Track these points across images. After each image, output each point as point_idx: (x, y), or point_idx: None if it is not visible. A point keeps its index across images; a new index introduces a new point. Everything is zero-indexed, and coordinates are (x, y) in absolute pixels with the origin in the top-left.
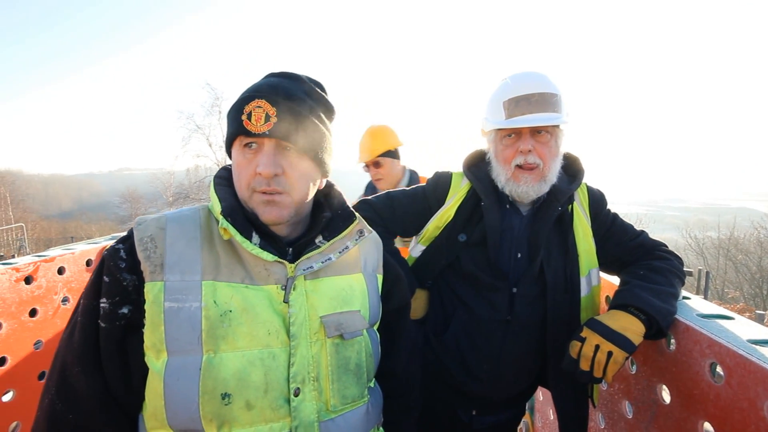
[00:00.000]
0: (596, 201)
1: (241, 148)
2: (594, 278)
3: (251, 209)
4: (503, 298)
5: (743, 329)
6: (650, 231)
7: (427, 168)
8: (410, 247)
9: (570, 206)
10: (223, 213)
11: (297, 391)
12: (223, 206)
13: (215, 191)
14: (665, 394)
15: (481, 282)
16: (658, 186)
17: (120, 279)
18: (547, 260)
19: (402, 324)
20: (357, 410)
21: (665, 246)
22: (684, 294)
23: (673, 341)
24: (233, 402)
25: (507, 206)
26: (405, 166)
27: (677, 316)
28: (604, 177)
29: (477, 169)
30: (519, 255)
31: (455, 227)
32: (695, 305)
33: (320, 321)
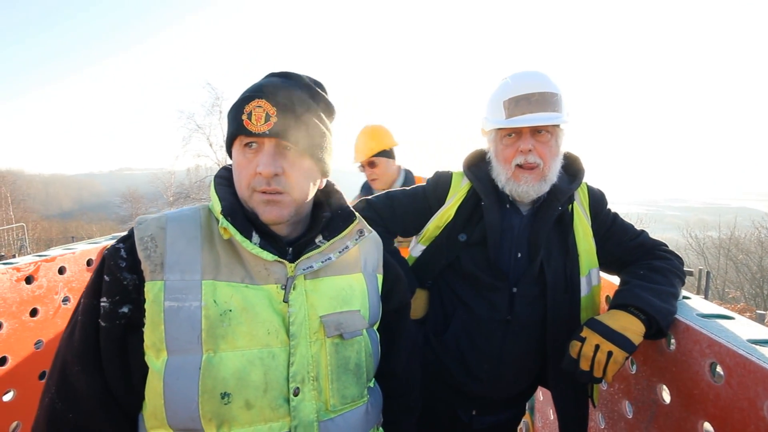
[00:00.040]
0: (596, 201)
1: (242, 148)
2: (594, 278)
3: (251, 209)
4: (503, 298)
5: (743, 329)
6: (651, 231)
7: (427, 168)
8: (410, 247)
9: (570, 206)
10: (223, 212)
11: (296, 391)
12: (223, 206)
13: (215, 191)
14: (665, 394)
15: (481, 282)
16: (659, 186)
17: (120, 278)
18: (547, 260)
19: (402, 324)
20: (356, 410)
21: (665, 246)
22: (684, 294)
23: (673, 341)
24: (233, 401)
25: (507, 206)
26: (400, 166)
27: (677, 316)
28: (605, 177)
29: (477, 169)
30: (519, 255)
31: (455, 227)
32: (695, 305)
33: (320, 321)
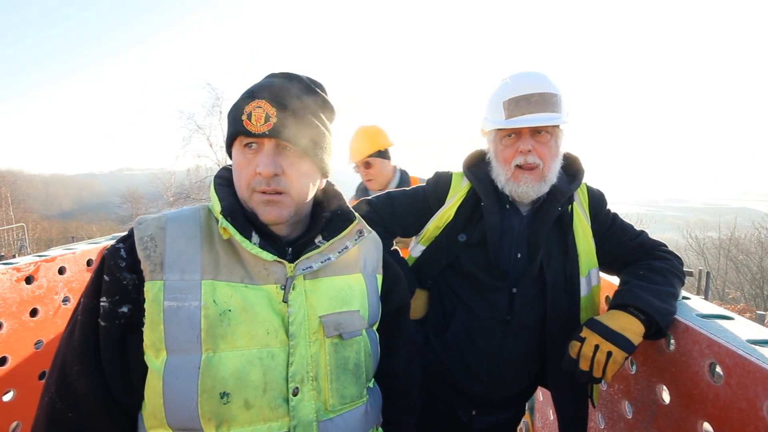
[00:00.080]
0: (596, 201)
1: (242, 148)
2: (594, 278)
3: (251, 209)
4: (503, 298)
5: (743, 329)
6: (651, 231)
7: (427, 168)
8: (410, 247)
9: (570, 206)
10: (223, 213)
11: (296, 391)
12: (223, 206)
13: (215, 191)
14: (665, 394)
15: (481, 282)
16: (659, 186)
17: (120, 278)
18: (547, 260)
19: (402, 324)
20: (356, 410)
21: (665, 246)
22: (684, 294)
23: (673, 341)
24: (232, 401)
25: (507, 206)
26: (396, 166)
27: (677, 316)
28: (604, 177)
29: (477, 169)
30: (519, 255)
31: (455, 227)
32: (695, 305)
33: (319, 321)
